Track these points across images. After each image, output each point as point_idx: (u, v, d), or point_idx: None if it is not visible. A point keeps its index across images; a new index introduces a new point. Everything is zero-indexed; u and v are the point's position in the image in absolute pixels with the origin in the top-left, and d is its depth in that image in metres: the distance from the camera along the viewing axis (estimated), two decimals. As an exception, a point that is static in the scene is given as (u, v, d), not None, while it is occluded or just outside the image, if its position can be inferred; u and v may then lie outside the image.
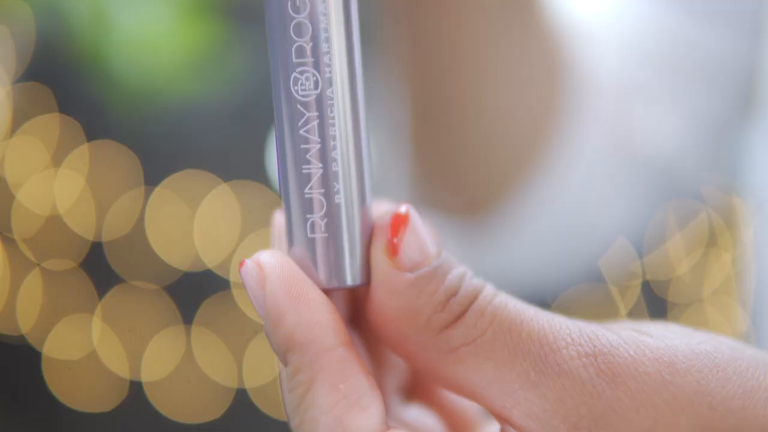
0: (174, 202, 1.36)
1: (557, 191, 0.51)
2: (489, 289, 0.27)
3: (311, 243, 0.26)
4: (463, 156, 0.49)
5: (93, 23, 1.22)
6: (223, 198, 1.38)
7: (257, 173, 1.38)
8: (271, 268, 0.25)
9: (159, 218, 1.36)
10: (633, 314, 1.19)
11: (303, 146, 0.25)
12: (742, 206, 0.53)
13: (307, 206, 0.26)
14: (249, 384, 1.35)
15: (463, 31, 0.44)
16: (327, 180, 0.25)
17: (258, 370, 1.34)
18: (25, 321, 1.32)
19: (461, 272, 0.27)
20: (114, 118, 1.32)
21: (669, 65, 0.52)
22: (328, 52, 0.25)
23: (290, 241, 0.26)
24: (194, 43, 1.24)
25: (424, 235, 0.26)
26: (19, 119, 1.31)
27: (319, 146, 0.25)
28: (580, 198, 0.52)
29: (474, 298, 0.26)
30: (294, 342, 0.25)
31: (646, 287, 1.17)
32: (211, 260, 1.36)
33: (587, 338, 0.25)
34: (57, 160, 1.32)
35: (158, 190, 1.36)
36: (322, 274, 0.26)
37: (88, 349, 1.33)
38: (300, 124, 0.25)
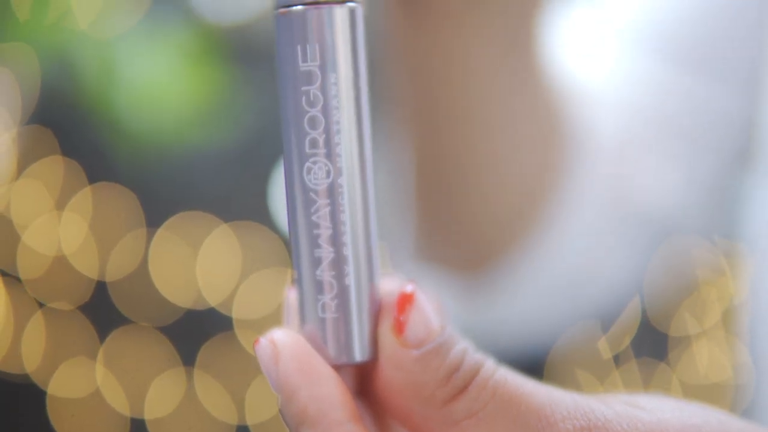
0: (176, 242, 1.38)
1: (557, 246, 0.52)
2: (490, 364, 0.28)
3: (322, 322, 0.27)
4: (466, 212, 0.50)
5: (100, 70, 1.24)
6: (225, 238, 1.39)
7: (258, 214, 1.40)
8: (283, 346, 0.27)
9: (161, 259, 1.37)
10: (632, 352, 1.20)
11: (315, 231, 0.27)
12: (740, 252, 0.54)
13: (319, 288, 0.27)
14: (251, 421, 1.36)
15: (467, 90, 0.46)
16: (337, 263, 0.27)
17: (260, 409, 1.35)
18: (30, 360, 1.33)
19: (463, 348, 0.28)
20: (117, 161, 1.33)
21: (667, 121, 0.53)
22: (340, 144, 0.27)
23: (302, 319, 0.28)
24: (198, 89, 1.26)
25: (428, 312, 0.27)
26: (24, 162, 1.33)
27: (330, 232, 0.27)
28: (579, 252, 0.53)
29: (476, 372, 0.28)
30: (306, 416, 0.26)
31: (646, 324, 1.18)
32: (213, 299, 1.37)
33: (582, 412, 0.26)
34: (61, 204, 1.34)
35: (160, 232, 1.37)
36: (332, 351, 0.27)
37: (91, 388, 1.34)
38: (312, 210, 0.27)
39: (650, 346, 1.21)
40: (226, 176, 1.40)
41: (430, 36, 0.44)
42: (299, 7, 0.27)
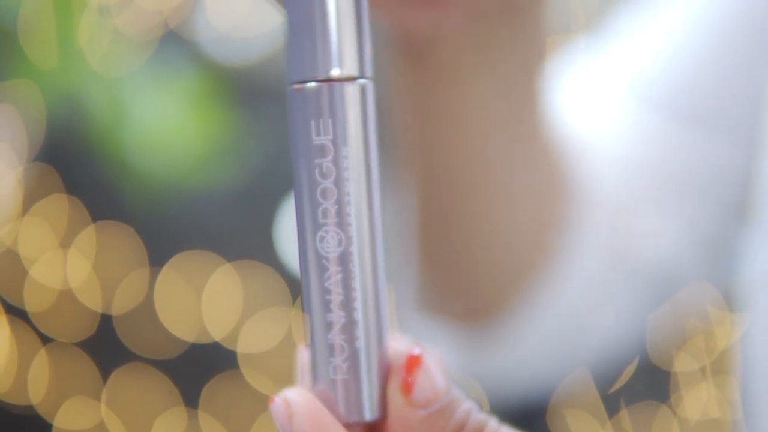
0: (179, 281, 1.39)
1: (558, 295, 0.53)
2: (493, 424, 0.30)
3: (333, 383, 0.29)
4: (468, 263, 0.51)
5: (106, 109, 1.25)
6: (227, 278, 1.40)
7: (261, 254, 1.41)
8: (297, 405, 0.28)
9: (164, 297, 1.39)
10: (633, 395, 1.21)
11: (327, 297, 0.28)
12: (736, 300, 0.56)
13: (330, 350, 0.29)
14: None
15: (471, 145, 0.47)
16: (348, 328, 0.28)
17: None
18: (36, 393, 1.34)
19: (468, 408, 0.30)
20: (121, 200, 1.35)
21: (666, 175, 0.55)
22: (351, 214, 0.28)
23: (314, 378, 0.29)
24: (204, 129, 1.27)
25: (435, 374, 0.29)
26: (29, 200, 1.34)
27: (341, 298, 0.28)
28: (580, 302, 0.54)
29: None
30: None
31: (646, 368, 1.19)
32: (216, 337, 1.38)
33: None
34: (65, 242, 1.35)
35: (164, 270, 1.39)
36: (342, 409, 0.29)
37: (96, 420, 1.35)
38: (325, 276, 0.28)
39: (651, 389, 1.22)
40: (229, 216, 1.42)
41: (437, 92, 0.45)
42: (313, 84, 0.28)
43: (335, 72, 0.28)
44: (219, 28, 1.40)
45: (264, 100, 1.39)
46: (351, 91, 0.28)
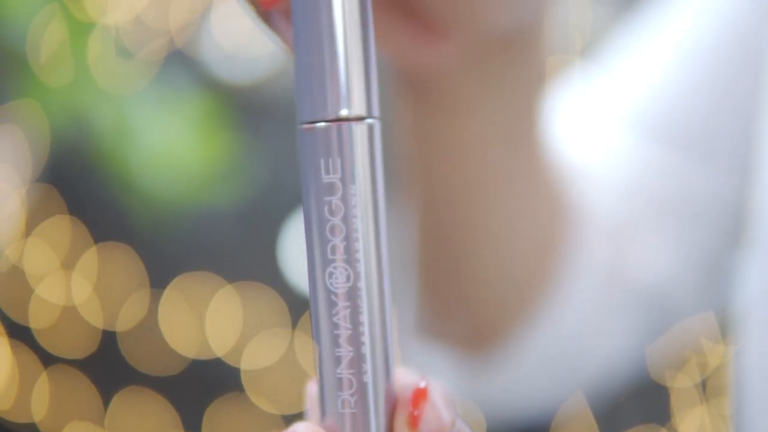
0: (180, 302, 1.40)
1: (558, 320, 0.54)
2: None
3: (341, 417, 0.30)
4: (468, 290, 0.52)
5: (109, 129, 1.26)
6: (228, 299, 1.41)
7: (262, 275, 1.42)
8: None
9: (165, 318, 1.39)
10: (632, 418, 1.22)
11: (335, 331, 0.29)
12: (732, 323, 0.57)
13: (339, 384, 0.29)
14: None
15: (471, 174, 0.47)
16: (356, 362, 0.29)
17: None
18: (38, 413, 1.35)
19: None
20: (123, 221, 1.35)
21: (662, 202, 0.56)
22: (359, 250, 0.29)
23: (323, 413, 0.30)
24: (208, 150, 1.28)
25: (440, 406, 0.30)
26: (32, 221, 1.35)
27: (349, 332, 0.29)
28: (579, 326, 0.55)
29: None
30: None
31: (645, 390, 1.20)
32: (216, 358, 1.39)
33: None
34: (67, 263, 1.36)
35: (166, 292, 1.39)
36: None
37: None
38: (333, 312, 0.29)
39: (648, 411, 1.23)
40: (231, 237, 1.43)
41: (436, 124, 0.45)
42: (322, 124, 0.29)
43: (344, 112, 0.29)
44: (225, 47, 1.41)
45: (269, 120, 1.40)
46: (359, 131, 0.29)
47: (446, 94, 0.44)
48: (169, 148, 1.26)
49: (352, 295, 0.29)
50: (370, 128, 0.29)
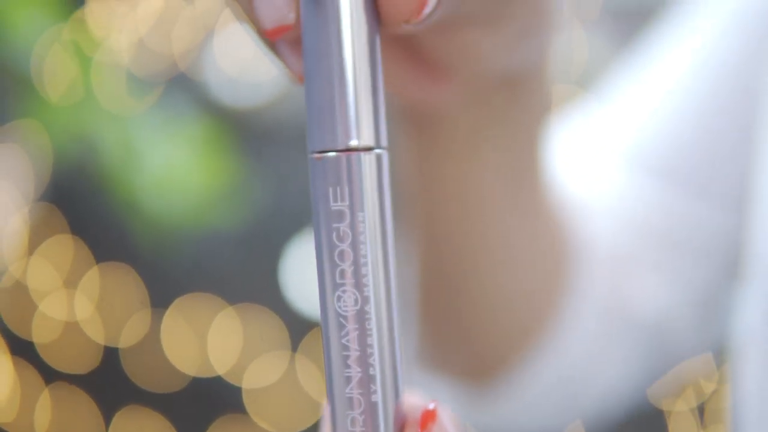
0: (181, 324, 1.41)
1: (558, 352, 0.55)
2: None
3: None
4: (471, 326, 0.53)
5: (112, 149, 1.27)
6: (229, 321, 1.42)
7: (263, 297, 1.43)
8: None
9: (166, 338, 1.40)
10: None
11: (344, 353, 0.31)
12: (728, 356, 0.58)
13: (348, 404, 0.31)
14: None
15: (473, 209, 0.48)
16: (365, 382, 0.31)
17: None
18: (41, 427, 1.36)
19: None
20: (125, 241, 1.36)
21: (660, 237, 0.57)
22: (367, 275, 0.30)
23: (334, 431, 0.31)
24: (210, 172, 1.29)
25: (449, 428, 0.31)
26: (35, 240, 1.36)
27: (358, 354, 0.31)
28: (579, 358, 0.56)
29: None
30: None
31: (642, 422, 1.21)
32: (219, 371, 1.40)
33: None
34: (69, 283, 1.37)
35: (165, 312, 1.40)
36: None
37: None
38: (342, 334, 0.31)
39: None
40: (232, 259, 1.44)
41: (440, 162, 0.46)
42: (332, 154, 0.31)
43: (353, 143, 0.30)
44: (227, 71, 1.42)
45: (271, 143, 1.41)
46: (367, 161, 0.30)
47: (448, 129, 0.45)
48: (171, 170, 1.27)
49: (361, 318, 0.30)
50: (378, 158, 0.31)
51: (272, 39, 0.31)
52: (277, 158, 1.40)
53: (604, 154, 0.59)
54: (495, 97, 0.43)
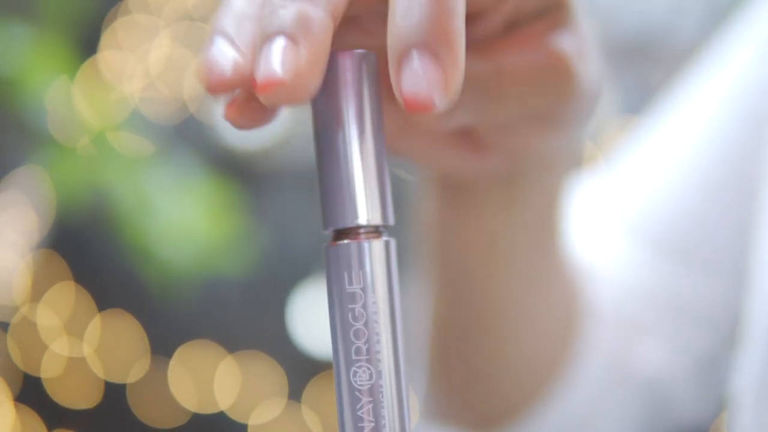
0: (181, 372, 1.44)
1: (564, 405, 0.58)
2: None
3: None
4: (481, 376, 0.55)
5: (115, 196, 1.29)
6: (229, 369, 1.45)
7: (264, 345, 1.46)
8: None
9: (166, 385, 1.43)
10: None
11: (359, 424, 0.34)
12: (726, 412, 0.61)
13: None
14: None
15: (491, 269, 0.51)
16: None
17: None
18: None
19: None
20: (127, 288, 1.39)
21: (662, 305, 0.60)
22: (380, 351, 0.34)
23: None
24: (219, 222, 1.31)
25: None
26: (37, 287, 1.39)
27: (372, 424, 0.34)
28: (583, 411, 0.59)
29: None
30: None
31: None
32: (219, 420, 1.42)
33: None
34: (70, 330, 1.40)
35: (165, 359, 1.43)
36: None
37: None
38: (357, 406, 0.34)
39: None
40: (234, 307, 1.46)
41: (462, 217, 0.49)
42: (345, 242, 0.34)
43: (362, 221, 0.34)
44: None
45: (278, 185, 1.44)
46: (377, 247, 0.34)
47: (481, 193, 0.47)
48: (181, 215, 1.29)
49: (375, 391, 0.34)
50: (387, 244, 0.35)
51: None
52: (284, 200, 1.43)
53: (611, 225, 0.62)
54: (531, 171, 0.46)
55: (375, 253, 0.34)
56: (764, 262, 0.56)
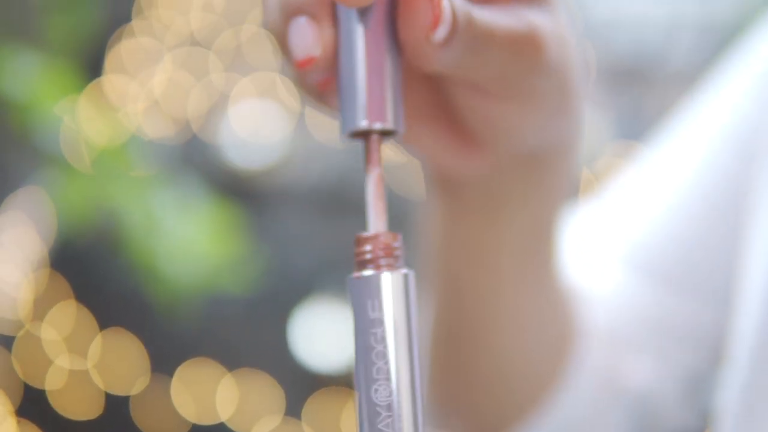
0: (180, 389, 1.47)
1: (557, 418, 0.62)
2: None
3: None
4: (478, 385, 0.58)
5: (118, 216, 1.30)
6: (229, 387, 1.48)
7: (265, 362, 1.49)
8: None
9: (165, 403, 1.46)
10: None
11: None
12: (710, 426, 0.66)
13: None
14: None
15: (489, 277, 0.53)
16: None
17: None
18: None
19: None
20: (128, 307, 1.42)
21: (652, 327, 0.64)
22: (398, 370, 0.39)
23: None
24: (224, 241, 1.33)
25: None
26: (39, 306, 1.41)
27: (391, 437, 0.39)
28: (575, 424, 0.63)
29: None
30: None
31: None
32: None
33: None
34: (72, 348, 1.43)
35: (166, 378, 1.46)
36: None
37: None
38: (377, 420, 0.39)
39: None
40: (236, 325, 1.49)
41: (461, 222, 0.51)
42: (368, 273, 0.39)
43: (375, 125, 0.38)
44: (239, 133, 1.48)
45: (282, 203, 1.47)
46: (397, 278, 0.39)
47: (473, 194, 0.50)
48: (181, 234, 1.31)
49: (393, 407, 0.39)
50: (405, 276, 0.40)
51: (300, 69, 0.38)
52: (286, 220, 1.45)
53: (605, 252, 0.67)
54: (522, 171, 0.48)
55: (396, 284, 0.39)
56: (748, 288, 0.60)
